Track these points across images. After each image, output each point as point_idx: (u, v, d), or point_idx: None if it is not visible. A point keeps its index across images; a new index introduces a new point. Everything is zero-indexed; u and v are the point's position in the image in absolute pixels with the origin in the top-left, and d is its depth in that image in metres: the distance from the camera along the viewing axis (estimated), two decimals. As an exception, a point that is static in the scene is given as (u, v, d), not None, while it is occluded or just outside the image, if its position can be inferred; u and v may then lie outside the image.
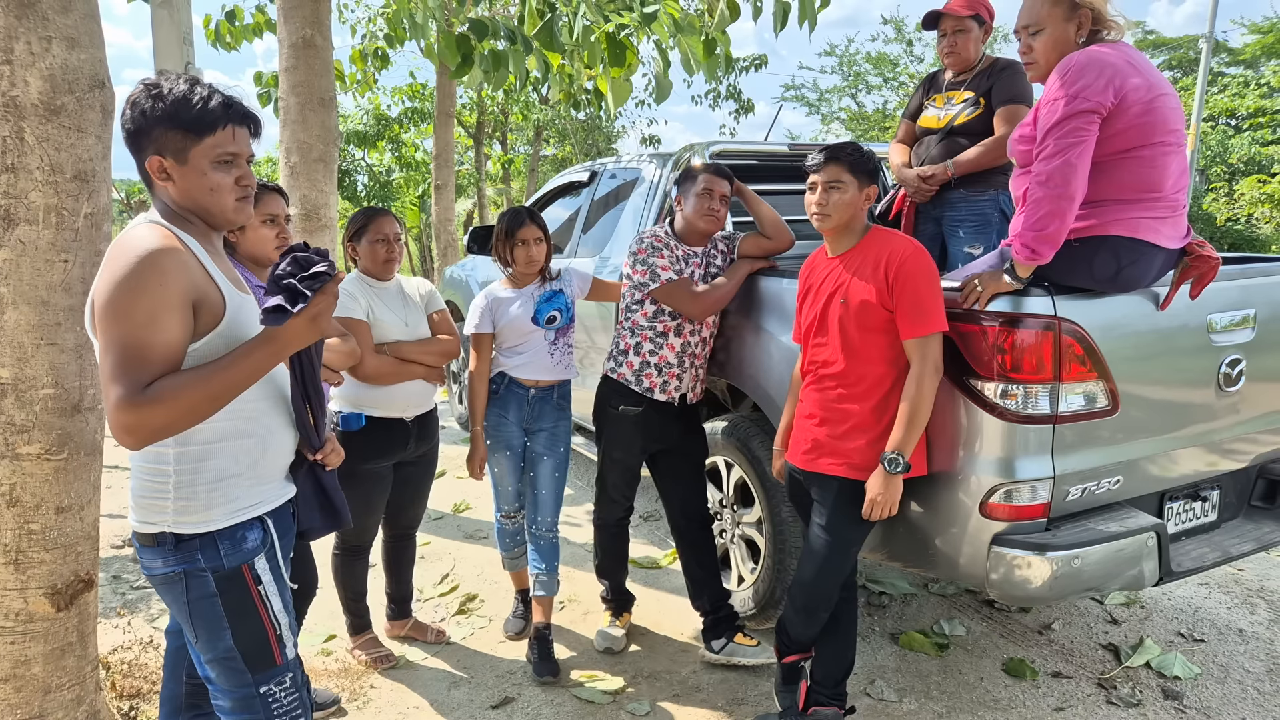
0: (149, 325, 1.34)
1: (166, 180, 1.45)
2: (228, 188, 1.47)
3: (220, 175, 1.46)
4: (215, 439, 1.48)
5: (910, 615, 3.13)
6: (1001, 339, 2.05)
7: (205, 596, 1.50)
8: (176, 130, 1.42)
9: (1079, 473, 2.12)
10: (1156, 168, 2.02)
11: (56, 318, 2.02)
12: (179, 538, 1.48)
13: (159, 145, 1.43)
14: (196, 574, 1.49)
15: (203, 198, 1.46)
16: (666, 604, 3.25)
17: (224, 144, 1.45)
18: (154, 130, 1.42)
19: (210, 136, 1.44)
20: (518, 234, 2.75)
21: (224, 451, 1.50)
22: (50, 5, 1.90)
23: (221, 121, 1.45)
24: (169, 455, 1.46)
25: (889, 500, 2.08)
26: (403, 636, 3.01)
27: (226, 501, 1.50)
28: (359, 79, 9.37)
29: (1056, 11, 2.07)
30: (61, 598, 2.17)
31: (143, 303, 1.33)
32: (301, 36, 3.78)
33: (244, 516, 1.52)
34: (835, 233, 2.21)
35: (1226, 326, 2.32)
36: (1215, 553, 2.35)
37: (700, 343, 2.77)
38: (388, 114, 14.43)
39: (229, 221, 1.52)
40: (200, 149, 1.44)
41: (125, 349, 1.32)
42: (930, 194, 3.05)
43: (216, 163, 1.45)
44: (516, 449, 2.85)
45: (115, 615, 3.17)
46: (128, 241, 1.37)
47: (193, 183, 1.45)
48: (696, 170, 2.73)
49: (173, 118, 1.41)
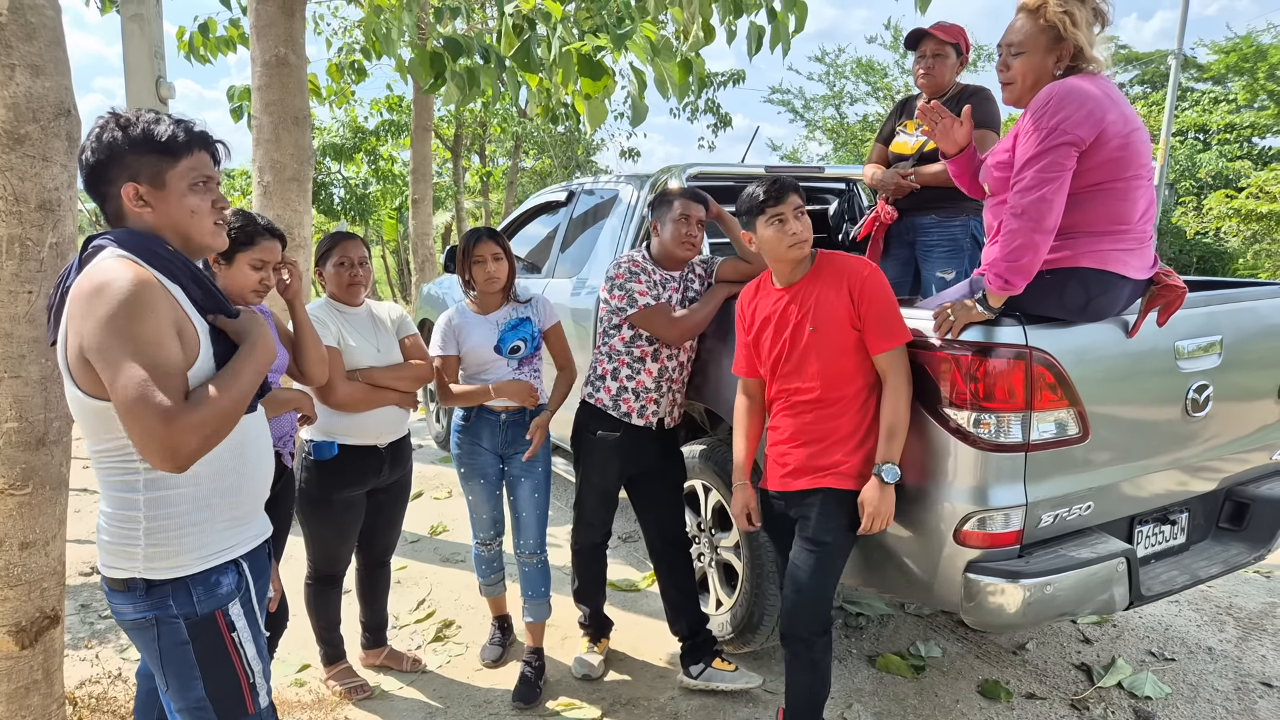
0: (158, 345, 1.32)
1: (144, 207, 1.42)
2: (206, 210, 1.46)
3: (198, 198, 1.45)
4: (187, 483, 1.44)
5: (887, 637, 3.15)
6: (974, 368, 2.07)
7: (177, 644, 1.46)
8: (151, 154, 1.41)
9: (1051, 499, 2.14)
10: (1128, 200, 2.05)
11: (20, 350, 1.98)
12: (150, 583, 1.44)
13: (133, 171, 1.41)
14: (168, 620, 1.45)
15: (183, 221, 1.44)
16: (645, 628, 3.23)
17: (200, 167, 1.45)
18: (125, 157, 1.40)
19: (187, 158, 1.43)
20: (474, 250, 2.70)
21: (196, 495, 1.46)
22: (13, 32, 1.87)
23: (195, 145, 1.44)
24: (139, 501, 1.42)
25: (885, 511, 2.10)
26: (378, 665, 2.97)
27: (199, 546, 1.46)
28: (336, 91, 9.33)
29: (1041, 40, 2.07)
30: (26, 635, 2.12)
31: (145, 326, 1.31)
32: (275, 54, 3.75)
33: (218, 561, 1.49)
34: (803, 260, 2.24)
35: (1193, 352, 2.36)
36: (1184, 576, 2.38)
37: (678, 367, 2.78)
38: (365, 126, 14.34)
39: (207, 246, 1.50)
40: (177, 171, 1.42)
41: (147, 370, 1.29)
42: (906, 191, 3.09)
43: (194, 185, 1.44)
44: (491, 477, 2.83)
45: (83, 647, 3.10)
46: (103, 277, 1.32)
47: (172, 206, 1.43)
48: (672, 195, 2.73)
49: (145, 143, 1.40)
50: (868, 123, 22.95)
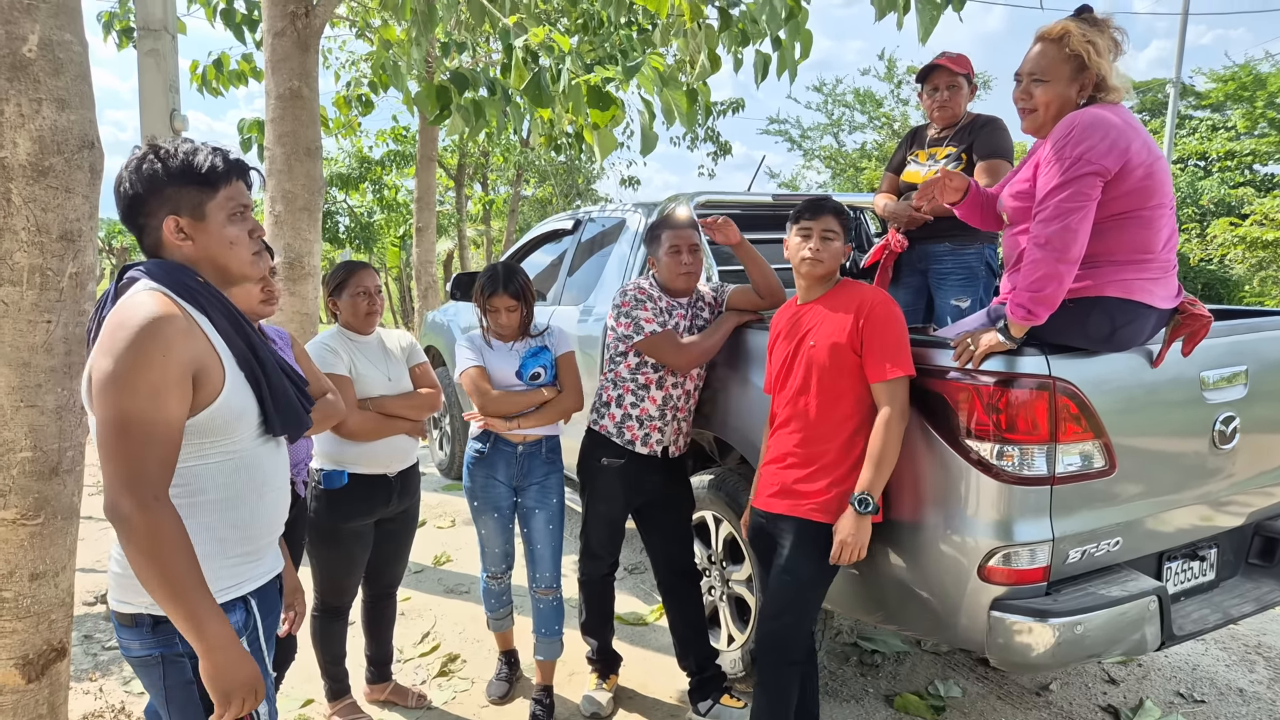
0: (152, 401, 1.29)
1: (185, 240, 1.42)
2: (245, 241, 1.46)
3: (236, 228, 1.45)
4: (204, 515, 1.41)
5: (904, 675, 3.08)
6: (996, 399, 2.04)
7: (182, 683, 1.42)
8: (191, 186, 1.40)
9: (1078, 534, 2.10)
10: (1152, 229, 2.03)
11: (38, 379, 1.97)
12: (156, 619, 1.41)
13: (174, 204, 1.40)
14: (174, 659, 1.42)
15: (222, 253, 1.44)
16: (654, 664, 3.17)
17: (238, 196, 1.45)
18: (166, 189, 1.39)
19: (226, 188, 1.43)
20: (490, 300, 2.71)
21: (207, 526, 1.43)
22: (41, 68, 1.88)
23: (233, 174, 1.44)
24: None
25: (859, 543, 2.08)
26: (383, 701, 2.90)
27: (210, 581, 1.42)
28: (343, 123, 9.44)
29: (1064, 69, 2.05)
30: (33, 668, 2.08)
31: (147, 377, 1.29)
32: (289, 88, 3.78)
33: (227, 597, 1.45)
34: (819, 280, 2.27)
35: (1219, 383, 2.33)
36: (1216, 614, 2.32)
37: (683, 395, 2.75)
38: (370, 156, 14.49)
39: (245, 275, 1.50)
40: (216, 202, 1.42)
41: (129, 427, 1.28)
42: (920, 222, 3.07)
43: (232, 215, 1.44)
44: (505, 510, 2.79)
45: (87, 679, 3.04)
46: (126, 314, 1.32)
47: (212, 238, 1.43)
48: (659, 228, 2.73)
49: (185, 174, 1.39)
50: (865, 151, 23.15)
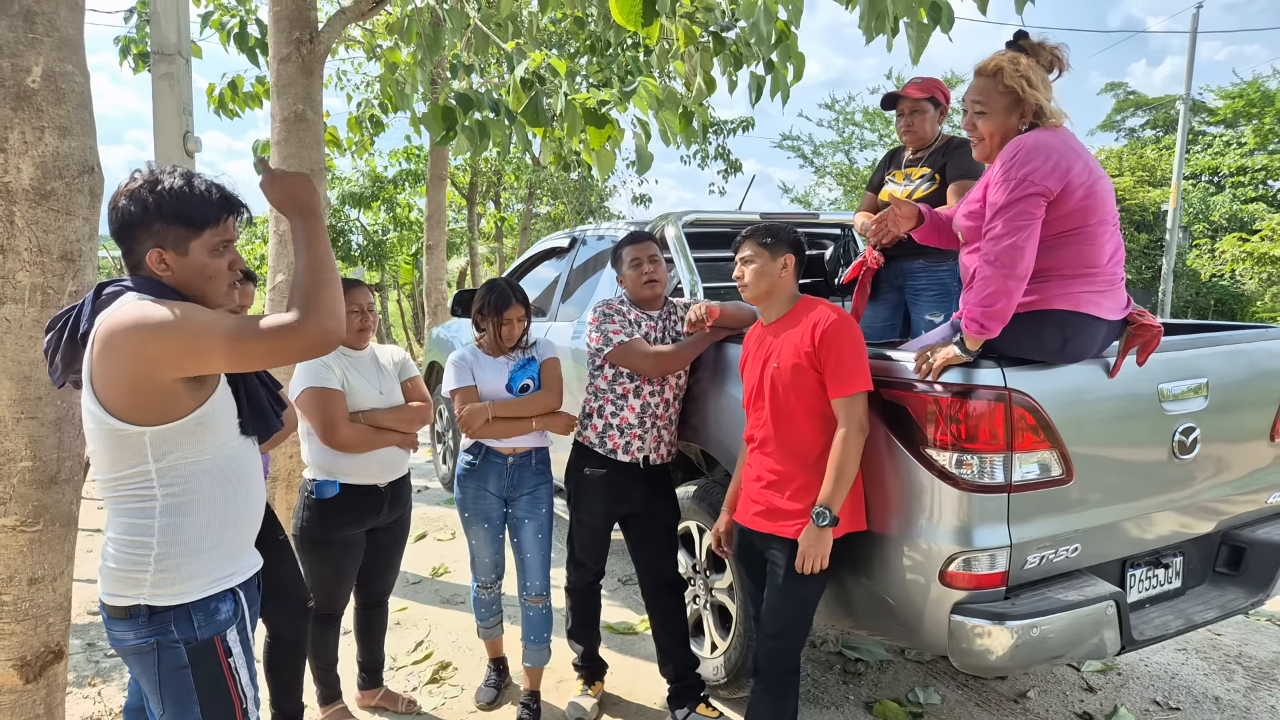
0: (189, 324, 1.41)
1: (165, 270, 1.51)
2: (224, 274, 1.55)
3: (217, 262, 1.54)
4: (200, 511, 1.51)
5: (886, 683, 3.12)
6: (954, 409, 2.11)
7: (177, 669, 1.51)
8: (178, 225, 1.49)
9: (1037, 541, 2.16)
10: (1095, 245, 2.12)
11: (38, 392, 2.08)
12: (153, 609, 1.50)
13: (159, 239, 1.49)
14: (169, 645, 1.51)
15: (199, 284, 1.53)
16: (640, 671, 3.23)
17: (223, 233, 1.54)
18: (154, 224, 1.48)
19: (211, 229, 1.51)
20: (504, 313, 2.80)
21: (207, 523, 1.53)
22: (44, 98, 2.00)
23: (223, 213, 1.53)
24: (153, 527, 1.49)
25: (819, 553, 2.16)
26: (373, 706, 2.98)
27: (205, 572, 1.53)
28: (356, 143, 9.64)
29: (1001, 101, 2.18)
30: (30, 669, 2.17)
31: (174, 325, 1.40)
32: (294, 111, 3.92)
33: (219, 588, 1.55)
34: (759, 301, 2.39)
35: (1179, 395, 2.38)
36: (1178, 620, 2.37)
37: (662, 403, 2.83)
38: (384, 175, 14.74)
39: (219, 305, 1.58)
40: (201, 241, 1.51)
41: (185, 322, 1.40)
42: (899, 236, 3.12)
43: (214, 250, 1.53)
44: (495, 521, 2.88)
45: (87, 684, 3.14)
46: (129, 310, 1.41)
47: (193, 271, 1.52)
48: (620, 246, 2.89)
49: (174, 214, 1.48)
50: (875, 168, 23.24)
